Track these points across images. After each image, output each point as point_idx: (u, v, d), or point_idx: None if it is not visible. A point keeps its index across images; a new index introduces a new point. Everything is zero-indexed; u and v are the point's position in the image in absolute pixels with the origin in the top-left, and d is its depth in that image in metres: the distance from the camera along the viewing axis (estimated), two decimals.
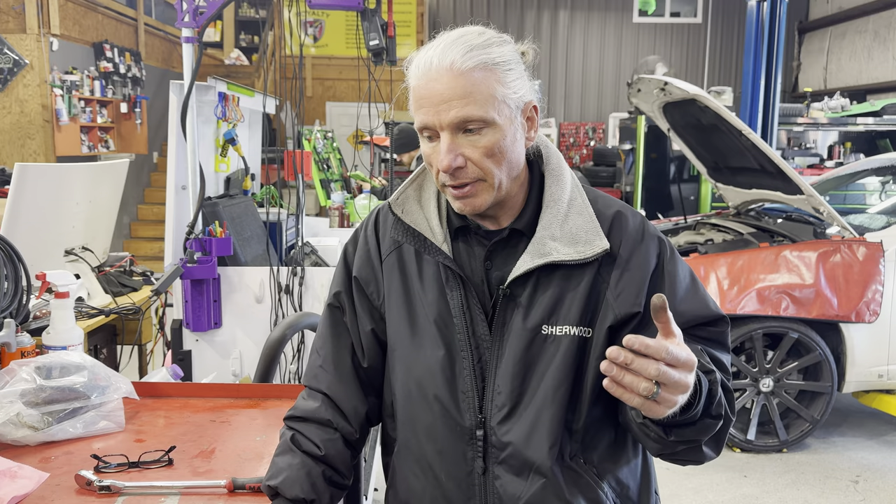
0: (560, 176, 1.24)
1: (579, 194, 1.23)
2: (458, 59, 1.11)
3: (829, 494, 3.61)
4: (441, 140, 1.13)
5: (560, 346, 1.17)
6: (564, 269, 1.18)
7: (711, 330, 1.21)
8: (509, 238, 1.22)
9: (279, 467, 1.21)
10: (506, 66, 1.14)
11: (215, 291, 3.08)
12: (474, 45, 1.13)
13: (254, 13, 12.50)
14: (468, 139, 1.13)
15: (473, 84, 1.11)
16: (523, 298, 1.18)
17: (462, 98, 1.11)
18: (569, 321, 1.17)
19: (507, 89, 1.14)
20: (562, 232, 1.18)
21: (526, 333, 1.17)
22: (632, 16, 12.94)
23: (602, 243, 1.17)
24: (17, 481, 1.29)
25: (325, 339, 1.33)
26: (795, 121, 7.96)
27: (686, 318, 1.18)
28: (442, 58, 1.12)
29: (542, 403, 1.16)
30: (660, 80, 4.35)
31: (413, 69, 1.16)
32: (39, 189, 2.66)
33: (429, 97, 1.12)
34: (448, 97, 1.11)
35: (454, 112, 1.11)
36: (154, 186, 9.82)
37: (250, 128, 4.12)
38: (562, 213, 1.20)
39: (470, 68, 1.11)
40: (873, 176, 5.43)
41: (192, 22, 2.95)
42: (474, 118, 1.11)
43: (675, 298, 1.19)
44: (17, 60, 7.33)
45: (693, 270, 1.26)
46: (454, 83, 1.11)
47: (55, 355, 1.64)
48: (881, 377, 4.00)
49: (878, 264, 3.90)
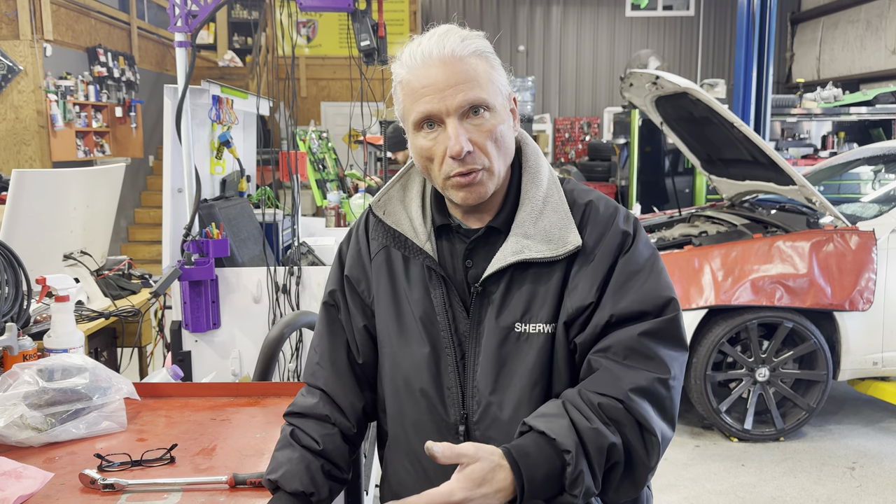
0: (537, 173, 1.25)
1: (556, 190, 1.25)
2: (457, 47, 1.14)
3: (826, 481, 3.64)
4: (448, 126, 1.14)
5: (533, 343, 1.18)
6: (537, 266, 1.19)
7: (658, 321, 1.15)
8: (488, 236, 1.23)
9: (279, 462, 1.24)
10: (493, 57, 1.19)
11: (213, 292, 3.10)
12: (466, 36, 1.16)
13: (247, 15, 12.49)
14: (473, 124, 1.15)
15: (475, 69, 1.14)
16: (497, 296, 1.20)
17: (467, 82, 1.13)
18: (541, 318, 1.18)
19: (499, 77, 1.18)
20: (535, 229, 1.19)
21: (499, 331, 1.19)
22: (624, 10, 12.95)
23: (575, 240, 1.18)
24: (23, 481, 1.31)
25: (321, 337, 1.36)
26: (789, 111, 7.99)
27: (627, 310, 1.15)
28: (441, 47, 1.14)
29: (518, 401, 1.18)
30: (651, 74, 4.37)
31: (407, 62, 1.17)
32: (37, 194, 2.68)
33: (432, 84, 1.13)
34: (453, 82, 1.13)
35: (461, 96, 1.13)
36: (150, 190, 9.82)
37: (245, 130, 4.14)
38: (536, 210, 1.21)
39: (469, 54, 1.15)
40: (866, 165, 5.46)
41: (184, 26, 2.97)
42: (481, 101, 1.14)
43: (625, 290, 1.16)
44: (10, 67, 7.33)
45: (658, 261, 1.21)
46: (457, 68, 1.13)
47: (57, 358, 1.66)
48: (876, 364, 4.04)
49: (871, 253, 3.93)
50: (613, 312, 1.15)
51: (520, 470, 1.03)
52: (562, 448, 1.05)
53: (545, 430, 1.06)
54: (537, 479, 1.04)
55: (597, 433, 1.06)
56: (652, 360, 1.13)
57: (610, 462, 1.07)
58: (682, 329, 1.18)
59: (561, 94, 13.07)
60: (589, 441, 1.06)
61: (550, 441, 1.06)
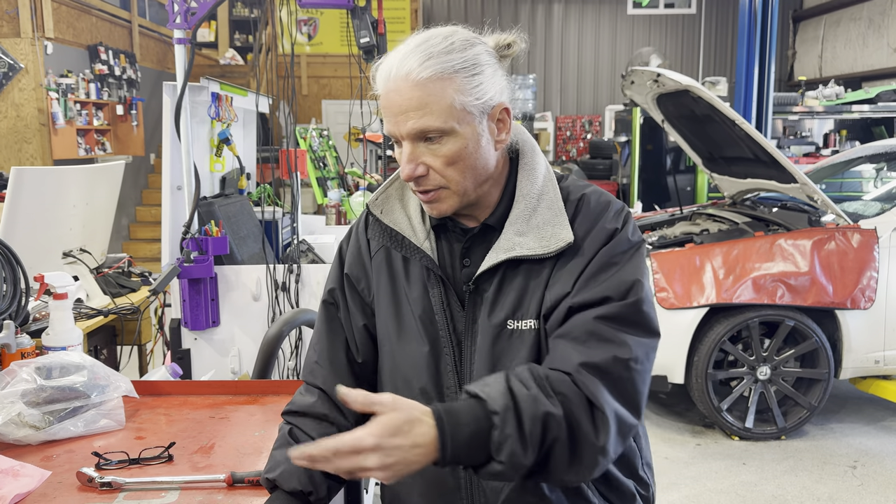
0: (532, 171, 1.24)
1: (552, 188, 1.24)
2: (414, 69, 1.10)
3: (828, 480, 3.63)
4: (403, 149, 1.15)
5: (525, 340, 1.18)
6: (529, 263, 1.18)
7: (619, 304, 1.13)
8: (484, 233, 1.23)
9: (277, 460, 1.23)
10: (468, 72, 1.13)
11: (213, 290, 3.09)
12: (433, 53, 1.11)
13: (248, 13, 12.49)
14: (429, 148, 1.14)
15: (430, 94, 1.11)
16: (489, 294, 1.19)
17: (418, 109, 1.11)
18: (531, 315, 1.17)
19: (468, 97, 1.12)
20: (528, 226, 1.19)
21: (492, 329, 1.19)
22: (626, 7, 12.93)
23: (567, 236, 1.17)
24: (20, 479, 1.31)
25: (320, 336, 1.35)
26: (791, 109, 7.97)
27: (588, 296, 1.13)
28: (400, 67, 1.12)
29: None
30: (653, 72, 4.36)
31: (378, 77, 1.16)
32: (36, 192, 2.68)
33: (389, 107, 1.13)
34: (405, 108, 1.11)
35: (411, 123, 1.11)
36: (151, 188, 9.82)
37: (245, 127, 4.13)
38: (530, 207, 1.20)
39: (426, 78, 1.10)
40: (868, 163, 5.44)
41: (183, 23, 2.96)
42: (431, 129, 1.12)
43: (594, 280, 1.14)
44: (11, 65, 7.32)
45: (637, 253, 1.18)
46: (411, 94, 1.11)
47: (55, 356, 1.66)
48: (878, 363, 4.03)
49: (873, 251, 3.92)
50: (577, 299, 1.13)
51: (444, 426, 0.99)
52: (490, 409, 1.01)
53: (478, 391, 1.03)
54: (461, 438, 0.99)
55: (533, 400, 1.02)
56: (611, 343, 1.10)
57: (548, 435, 1.02)
58: (647, 313, 1.14)
59: (562, 92, 13.05)
60: (524, 407, 1.01)
61: (481, 402, 1.02)
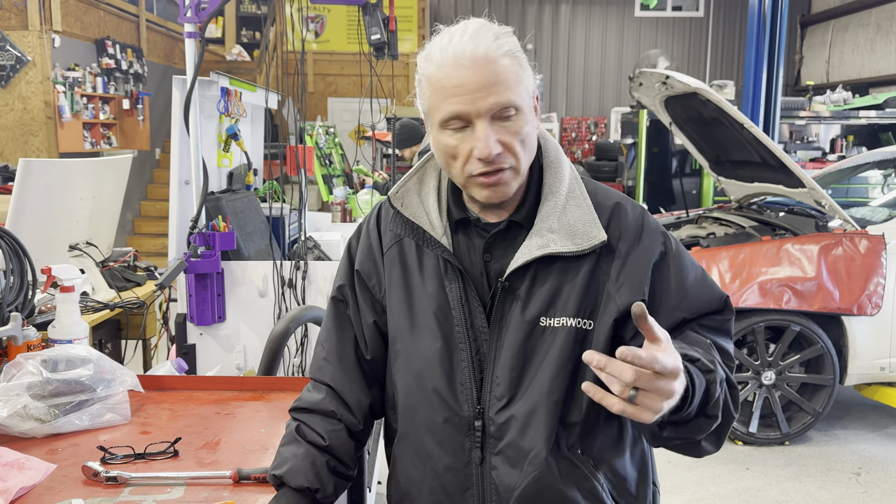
0: (558, 168, 1.24)
1: (578, 186, 1.24)
2: (490, 47, 1.12)
3: (831, 486, 3.62)
4: (477, 128, 1.12)
5: (557, 337, 1.17)
6: (562, 260, 1.18)
7: (718, 318, 1.24)
8: (508, 230, 1.22)
9: (284, 457, 1.23)
10: (522, 56, 1.17)
11: (219, 285, 3.09)
12: (499, 34, 1.14)
13: (255, 9, 12.49)
14: (503, 126, 1.13)
15: (506, 70, 1.12)
16: (522, 291, 1.19)
17: (498, 84, 1.11)
18: (566, 313, 1.17)
19: (527, 77, 1.16)
20: (559, 224, 1.19)
21: (524, 325, 1.18)
22: (633, 10, 12.92)
23: (600, 235, 1.18)
24: (25, 472, 1.30)
25: (329, 332, 1.34)
26: (798, 114, 7.96)
27: (694, 308, 1.21)
28: (475, 46, 1.11)
29: (539, 394, 1.17)
30: (661, 74, 4.34)
31: (436, 58, 1.14)
32: (43, 185, 2.68)
33: (463, 85, 1.11)
34: (484, 84, 1.11)
35: (493, 98, 1.11)
36: (157, 183, 9.83)
37: (252, 123, 4.13)
38: (560, 204, 1.21)
39: (503, 54, 1.12)
40: (875, 169, 5.43)
41: (194, 17, 2.96)
42: (511, 103, 1.12)
43: (685, 290, 1.21)
44: (19, 57, 7.33)
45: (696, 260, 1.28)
46: (489, 70, 1.11)
47: (61, 349, 1.66)
48: (883, 370, 4.01)
49: (880, 257, 3.90)
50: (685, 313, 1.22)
51: (692, 378, 1.04)
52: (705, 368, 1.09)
53: (699, 356, 1.10)
54: (699, 392, 1.06)
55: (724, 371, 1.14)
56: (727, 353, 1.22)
57: (730, 404, 1.12)
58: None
59: (568, 93, 13.04)
60: (721, 374, 1.12)
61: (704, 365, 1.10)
